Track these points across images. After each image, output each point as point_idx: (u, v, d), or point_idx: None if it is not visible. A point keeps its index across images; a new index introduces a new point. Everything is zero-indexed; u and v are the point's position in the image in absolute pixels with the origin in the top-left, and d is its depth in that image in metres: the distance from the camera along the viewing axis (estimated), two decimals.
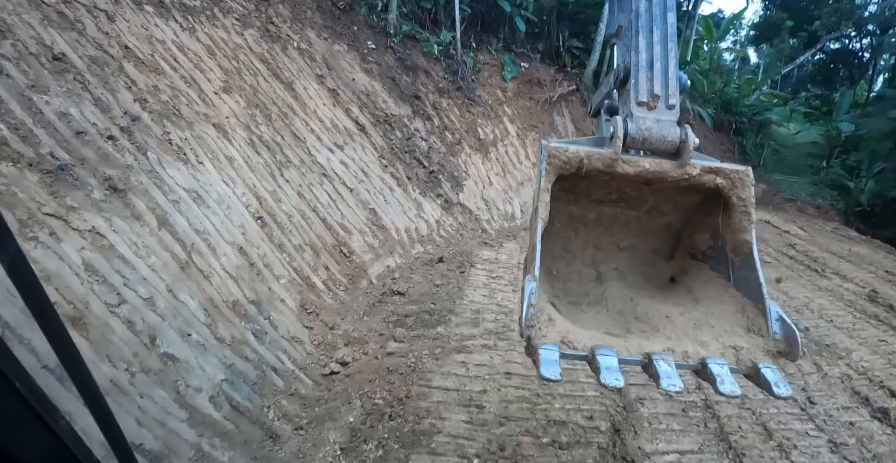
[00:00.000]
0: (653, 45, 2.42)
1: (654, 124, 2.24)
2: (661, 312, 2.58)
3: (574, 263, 2.94)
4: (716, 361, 2.06)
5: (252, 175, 5.24)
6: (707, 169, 2.27)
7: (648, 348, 2.08)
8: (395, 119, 8.29)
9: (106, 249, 3.39)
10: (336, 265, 5.56)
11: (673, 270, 2.95)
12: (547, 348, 1.99)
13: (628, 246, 2.95)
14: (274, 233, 5.02)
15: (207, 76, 5.89)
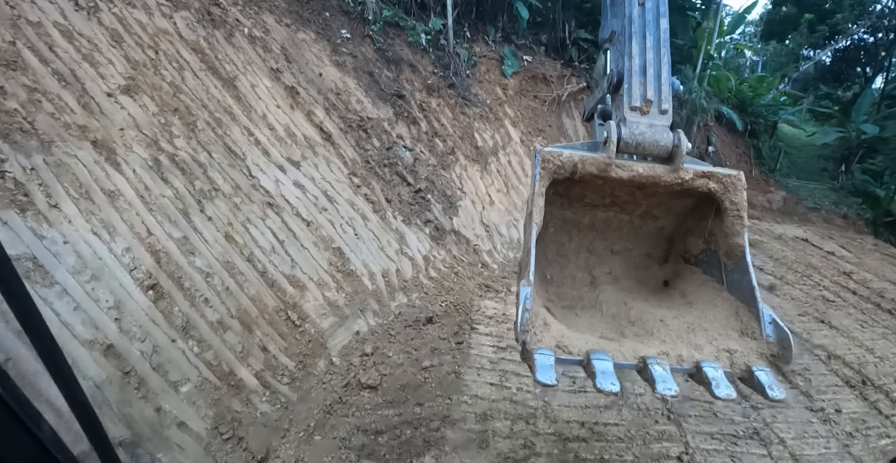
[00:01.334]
0: (646, 51, 2.46)
1: (648, 129, 2.28)
2: (656, 315, 2.58)
3: (568, 268, 2.97)
4: (710, 364, 2.07)
5: (149, 217, 3.53)
6: (700, 173, 2.31)
7: (643, 352, 2.08)
8: (372, 124, 6.58)
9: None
10: (280, 342, 3.86)
11: (666, 274, 2.99)
12: (542, 353, 1.99)
13: (622, 250, 2.99)
14: (176, 308, 3.31)
15: (101, 71, 4.17)
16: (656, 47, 2.46)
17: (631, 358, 2.06)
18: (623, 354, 2.06)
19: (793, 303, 6.44)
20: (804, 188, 16.77)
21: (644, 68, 2.40)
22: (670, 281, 2.92)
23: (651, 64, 2.41)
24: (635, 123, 2.27)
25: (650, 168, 2.29)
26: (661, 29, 2.49)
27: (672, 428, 3.77)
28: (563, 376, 2.79)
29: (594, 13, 11.30)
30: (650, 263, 3.00)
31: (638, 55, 2.43)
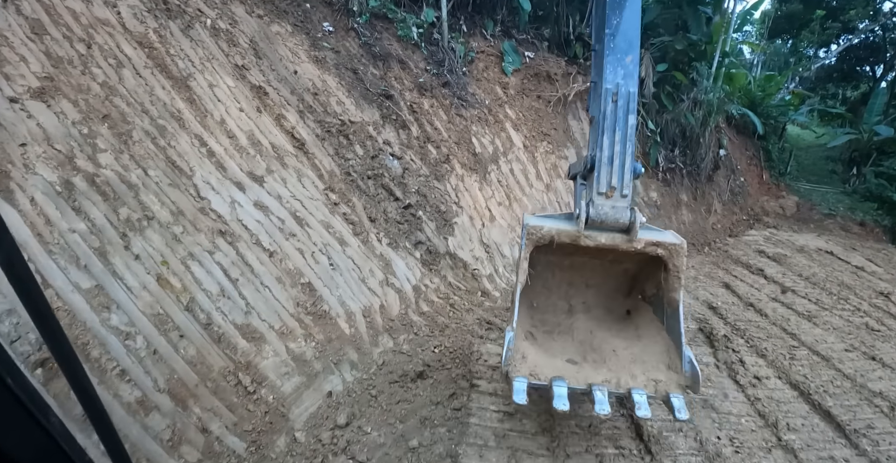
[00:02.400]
0: (614, 144, 3.07)
1: (611, 210, 2.96)
2: (612, 345, 3.39)
3: (551, 298, 3.79)
4: (638, 391, 2.89)
5: (48, 262, 2.66)
6: (651, 242, 3.00)
7: (592, 380, 2.97)
8: (354, 128, 5.72)
9: None
10: (227, 416, 3.00)
11: (629, 305, 3.78)
12: (518, 380, 2.86)
13: (595, 284, 3.77)
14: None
15: (6, 71, 3.33)
16: (623, 141, 3.09)
17: (582, 383, 2.93)
18: (577, 380, 2.95)
19: (835, 334, 5.63)
20: (815, 192, 16.05)
21: (611, 159, 3.05)
22: (631, 311, 3.74)
23: (617, 156, 3.05)
24: (601, 205, 2.97)
25: (611, 238, 2.99)
26: (629, 124, 3.12)
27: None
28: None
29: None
30: (617, 295, 3.80)
31: (607, 148, 3.06)
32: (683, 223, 9.94)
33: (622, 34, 3.33)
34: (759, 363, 4.84)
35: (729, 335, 5.24)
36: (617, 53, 3.28)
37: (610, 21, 3.36)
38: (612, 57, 3.26)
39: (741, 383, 4.44)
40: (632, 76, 3.25)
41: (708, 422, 3.86)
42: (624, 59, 3.27)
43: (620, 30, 3.34)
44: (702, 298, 6.26)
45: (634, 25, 3.38)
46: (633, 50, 3.32)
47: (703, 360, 4.76)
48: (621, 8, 3.38)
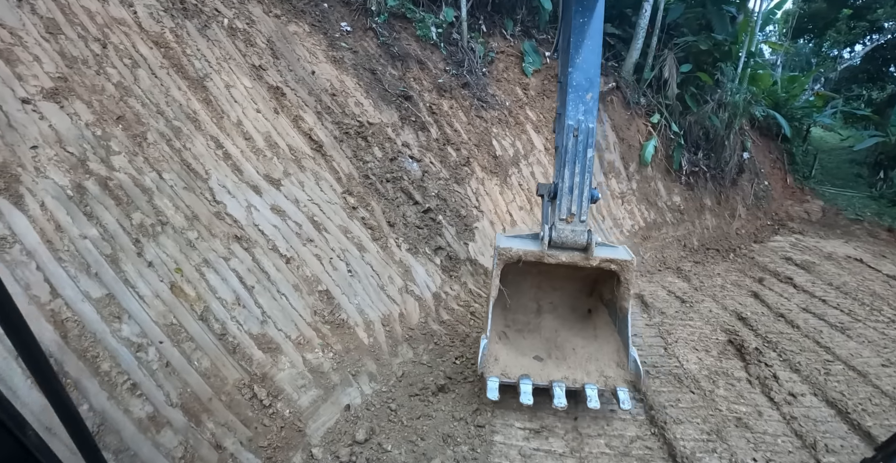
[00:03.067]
0: (574, 176, 3.53)
1: (570, 233, 3.47)
2: (572, 343, 3.95)
3: (522, 299, 4.25)
4: (591, 386, 3.50)
5: (58, 270, 2.55)
6: (605, 259, 3.50)
7: (553, 377, 3.56)
8: (373, 130, 5.58)
9: None
10: (241, 432, 2.87)
11: (590, 305, 4.33)
12: (491, 380, 3.43)
13: (560, 287, 4.27)
14: (85, 406, 2.32)
15: (19, 71, 3.23)
16: (582, 172, 3.52)
17: (545, 380, 3.55)
18: (541, 377, 3.56)
19: (870, 348, 5.37)
20: (841, 197, 15.62)
21: (571, 189, 3.51)
22: (592, 310, 4.28)
23: (577, 186, 3.51)
24: (562, 229, 3.47)
25: (571, 257, 3.50)
26: (587, 157, 3.53)
27: None
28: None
29: (619, 6, 10.25)
30: (580, 295, 4.32)
31: (568, 179, 3.52)
32: (707, 228, 9.67)
33: (583, 72, 3.61)
34: (793, 379, 4.61)
35: (761, 348, 5.01)
36: (578, 91, 3.58)
37: (573, 60, 3.65)
38: (574, 94, 3.58)
39: (775, 400, 4.21)
40: (591, 112, 3.57)
41: (742, 442, 3.65)
42: (584, 97, 3.58)
43: (581, 68, 3.61)
44: (730, 308, 6.03)
45: (595, 64, 3.65)
46: (593, 87, 3.61)
47: (734, 375, 4.54)
48: (582, 47, 3.64)
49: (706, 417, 3.85)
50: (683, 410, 3.91)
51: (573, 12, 3.70)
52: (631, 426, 3.62)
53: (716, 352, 4.92)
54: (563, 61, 3.89)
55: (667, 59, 9.20)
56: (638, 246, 7.97)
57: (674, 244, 8.66)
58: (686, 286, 6.82)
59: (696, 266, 7.98)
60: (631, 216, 8.21)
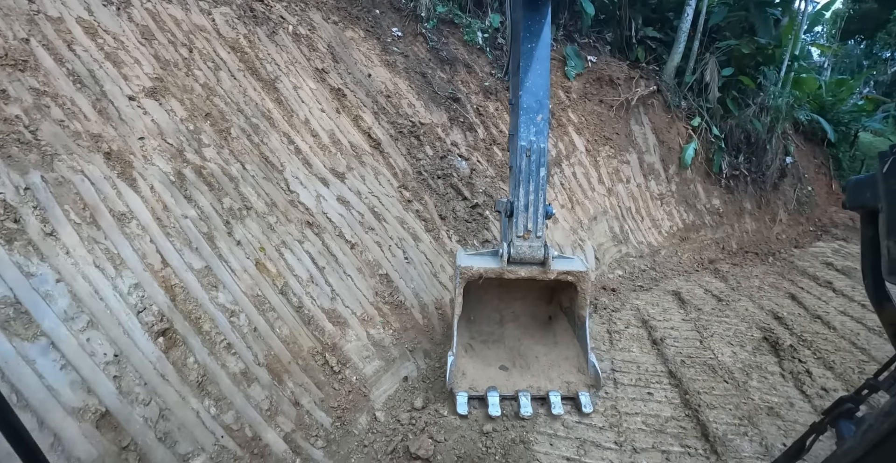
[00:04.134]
0: (529, 194, 3.69)
1: (528, 248, 3.64)
2: (535, 351, 4.13)
3: (485, 311, 4.38)
4: (554, 392, 3.67)
5: (166, 243, 2.97)
6: (562, 272, 3.70)
7: (518, 386, 3.71)
8: (424, 130, 5.94)
9: None
10: (315, 393, 3.24)
11: (550, 312, 4.49)
12: (460, 395, 3.55)
13: (521, 296, 4.40)
14: (191, 359, 2.73)
15: (125, 72, 3.66)
16: (536, 191, 3.68)
17: (511, 390, 3.66)
18: (507, 388, 3.68)
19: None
20: None
21: (527, 207, 3.68)
22: (552, 316, 4.44)
23: (531, 204, 3.68)
24: (520, 245, 3.64)
25: (529, 271, 3.69)
26: (540, 176, 3.70)
27: None
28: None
29: (662, 10, 10.38)
30: (540, 303, 4.47)
31: (523, 197, 3.67)
32: (746, 232, 9.70)
33: (532, 95, 3.75)
34: (826, 376, 4.73)
35: (795, 346, 5.15)
36: (529, 113, 3.72)
37: (522, 83, 3.75)
38: (525, 116, 3.72)
39: (808, 394, 4.37)
40: (542, 133, 3.73)
41: (774, 429, 3.84)
42: (535, 118, 3.73)
43: (531, 91, 3.75)
44: (767, 308, 6.15)
45: (543, 86, 3.79)
46: (542, 109, 3.76)
47: (767, 369, 4.71)
48: (530, 71, 3.76)
49: (738, 405, 4.05)
50: (717, 396, 4.12)
51: (521, 38, 3.79)
52: (666, 408, 3.86)
53: (750, 347, 5.08)
54: (514, 85, 4.00)
55: (708, 63, 9.30)
56: (676, 247, 8.12)
57: (712, 246, 8.75)
58: (723, 286, 6.96)
59: (733, 267, 8.07)
60: (669, 217, 8.36)
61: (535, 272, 3.68)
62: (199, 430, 2.57)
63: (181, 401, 2.58)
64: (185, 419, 2.54)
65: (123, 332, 2.50)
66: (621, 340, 4.94)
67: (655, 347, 4.83)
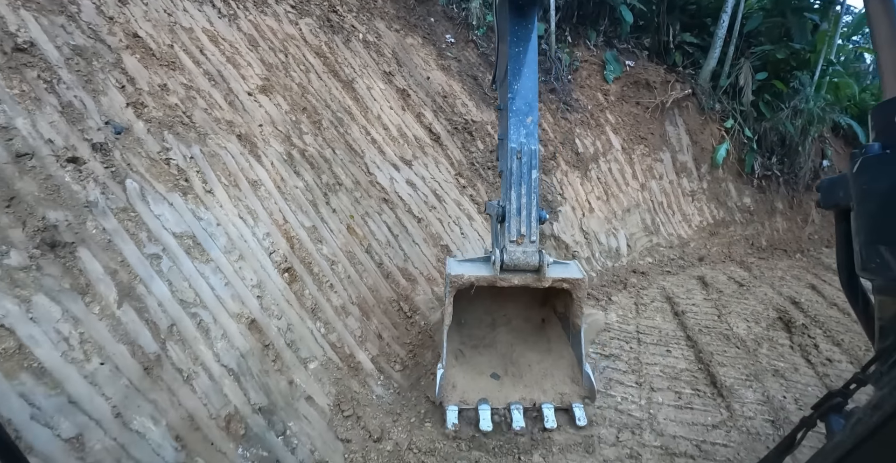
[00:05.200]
0: (521, 197, 3.55)
1: (522, 255, 3.46)
2: (528, 359, 3.98)
3: (477, 313, 4.19)
4: (547, 405, 3.58)
5: (284, 205, 3.83)
6: (557, 279, 3.53)
7: (510, 398, 3.62)
8: (476, 127, 6.73)
9: (8, 357, 2.02)
10: (392, 330, 4.06)
11: (543, 314, 4.30)
12: (450, 409, 3.47)
13: (513, 299, 4.14)
14: (307, 291, 3.58)
15: (242, 72, 4.56)
16: (528, 193, 3.55)
17: (503, 403, 3.57)
18: (498, 400, 3.58)
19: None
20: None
21: (519, 210, 3.52)
22: (546, 320, 4.28)
23: (524, 207, 3.52)
24: (513, 251, 3.45)
25: (523, 279, 3.51)
26: (532, 178, 3.57)
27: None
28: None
29: (699, 16, 10.88)
30: (533, 304, 4.28)
31: (515, 200, 3.53)
32: (777, 230, 10.14)
33: (522, 97, 3.74)
34: (833, 350, 5.29)
35: (807, 325, 5.71)
36: (519, 115, 3.69)
37: (511, 86, 3.76)
38: (515, 119, 3.69)
39: (812, 362, 4.95)
40: (532, 135, 3.68)
41: (776, 385, 4.46)
42: (525, 121, 3.69)
43: (520, 94, 3.74)
44: (785, 294, 6.70)
45: (532, 90, 3.79)
46: (532, 111, 3.74)
47: (778, 341, 5.31)
48: (520, 75, 3.78)
49: (747, 365, 4.69)
50: (728, 358, 4.77)
51: (509, 43, 3.83)
52: (682, 362, 4.54)
53: (765, 324, 5.68)
54: (503, 90, 4.00)
55: (743, 67, 9.80)
56: (705, 240, 8.67)
57: (741, 242, 9.25)
58: (746, 275, 7.51)
59: (760, 261, 8.59)
60: (700, 213, 8.91)
61: (530, 280, 3.50)
62: (312, 343, 3.41)
63: (300, 321, 3.42)
64: (303, 334, 3.38)
65: (261, 266, 3.36)
66: (646, 310, 5.61)
67: (677, 317, 5.50)
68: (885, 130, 1.21)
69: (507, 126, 3.70)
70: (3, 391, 1.97)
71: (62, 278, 2.34)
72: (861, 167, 1.22)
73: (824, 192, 1.42)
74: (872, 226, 1.20)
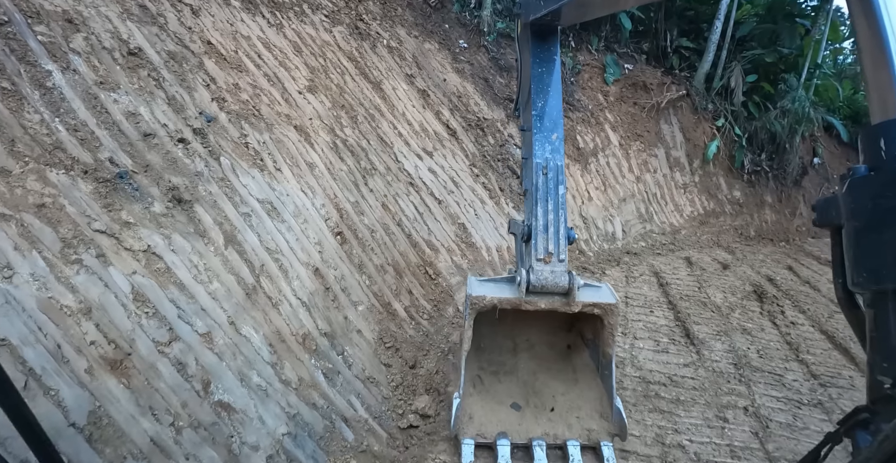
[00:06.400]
0: (548, 213, 3.28)
1: (550, 275, 3.10)
2: (552, 388, 3.60)
3: (497, 337, 3.91)
4: (573, 442, 3.21)
5: (334, 184, 4.69)
6: (587, 304, 3.16)
7: (532, 433, 3.26)
8: (487, 124, 7.57)
9: (161, 274, 2.88)
10: (420, 289, 4.90)
11: (569, 340, 3.97)
12: (466, 443, 3.14)
13: (537, 322, 3.84)
14: (354, 251, 4.43)
15: (292, 74, 5.41)
16: (556, 209, 3.35)
17: (524, 437, 3.27)
18: (519, 434, 3.29)
19: None
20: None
21: (546, 227, 3.29)
22: (571, 346, 3.97)
23: (552, 223, 3.30)
24: (540, 271, 3.16)
25: (550, 302, 3.19)
26: (559, 194, 3.40)
27: (741, 388, 4.42)
28: None
29: (697, 21, 11.68)
30: (558, 330, 4.01)
31: (542, 217, 3.32)
32: (766, 222, 10.92)
33: (547, 115, 3.68)
34: (798, 316, 6.09)
35: (778, 296, 6.51)
36: (544, 132, 3.61)
37: (535, 104, 3.72)
38: (540, 135, 3.61)
39: (777, 324, 5.75)
40: (558, 151, 3.56)
41: (743, 340, 5.27)
42: (550, 137, 3.60)
43: (546, 111, 3.68)
44: (763, 273, 7.50)
45: (557, 108, 3.74)
46: (557, 128, 3.66)
47: (749, 308, 6.11)
48: (546, 93, 3.74)
49: (719, 325, 5.51)
50: (703, 319, 5.58)
51: (532, 64, 3.83)
52: (662, 320, 5.36)
53: (740, 295, 6.49)
54: (526, 110, 3.94)
55: (734, 70, 10.60)
56: (696, 228, 9.48)
57: (730, 231, 10.05)
58: (730, 257, 8.32)
59: (745, 247, 9.39)
60: (691, 204, 9.72)
61: (558, 304, 3.18)
62: (360, 291, 4.25)
63: (350, 273, 4.27)
64: (352, 283, 4.23)
65: (319, 229, 4.22)
66: (635, 282, 6.44)
67: (661, 288, 6.32)
68: (870, 153, 1.28)
69: (532, 143, 3.62)
70: (158, 297, 2.82)
71: (188, 224, 3.20)
72: (849, 188, 1.29)
73: (819, 211, 1.46)
74: (859, 242, 1.26)
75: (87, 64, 3.32)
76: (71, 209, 2.63)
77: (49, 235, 2.48)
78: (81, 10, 3.56)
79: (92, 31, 3.51)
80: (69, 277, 2.45)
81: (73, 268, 2.48)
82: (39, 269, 2.37)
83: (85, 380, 2.30)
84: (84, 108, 3.10)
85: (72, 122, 2.97)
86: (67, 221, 2.58)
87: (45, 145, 2.76)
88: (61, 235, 2.52)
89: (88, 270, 2.54)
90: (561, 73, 4.02)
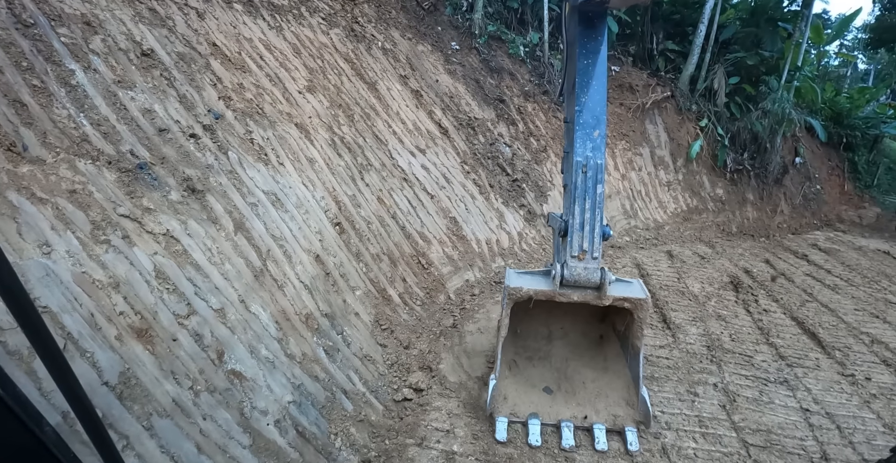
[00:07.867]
0: (585, 212, 3.44)
1: (583, 271, 3.34)
2: (583, 375, 3.88)
3: (533, 324, 4.18)
4: (599, 426, 3.53)
5: (332, 178, 4.99)
6: (618, 298, 3.41)
7: (561, 415, 3.60)
8: (478, 123, 7.89)
9: (179, 255, 3.17)
10: (413, 277, 5.21)
11: (601, 330, 4.20)
12: (500, 421, 3.53)
13: (572, 311, 4.04)
14: (352, 240, 4.73)
15: (292, 75, 5.71)
16: (593, 208, 3.49)
17: (553, 419, 3.62)
18: (549, 415, 3.63)
19: (853, 301, 6.90)
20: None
21: (582, 225, 3.46)
22: (604, 336, 4.23)
23: (588, 222, 3.46)
24: (574, 266, 3.39)
25: (583, 295, 3.44)
26: (597, 193, 3.52)
27: (713, 367, 4.75)
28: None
29: (682, 25, 12.04)
30: (592, 320, 4.25)
31: (578, 215, 3.48)
32: (747, 219, 11.29)
33: (589, 111, 3.63)
34: (771, 305, 6.43)
35: (753, 287, 6.86)
36: (585, 128, 3.60)
37: (579, 99, 3.66)
38: (581, 132, 3.59)
39: (751, 311, 6.09)
40: (599, 149, 3.58)
41: (717, 325, 5.60)
42: (592, 134, 3.59)
43: (588, 107, 3.64)
44: (741, 266, 7.85)
45: (601, 103, 3.69)
46: (599, 125, 3.64)
47: (725, 297, 6.45)
48: (588, 87, 3.67)
49: (695, 312, 5.84)
50: (681, 307, 5.92)
51: (578, 55, 3.74)
52: None
53: (717, 285, 6.83)
54: (570, 102, 3.93)
55: (717, 72, 10.99)
56: (679, 225, 9.84)
57: (713, 228, 10.41)
58: (710, 251, 8.68)
59: (725, 242, 9.75)
60: (675, 201, 10.08)
61: (589, 297, 3.42)
62: (357, 278, 4.55)
63: (348, 260, 4.57)
64: (350, 270, 4.52)
65: (319, 219, 4.52)
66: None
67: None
68: None
69: (573, 139, 3.64)
70: (177, 275, 3.11)
71: (201, 211, 3.49)
72: None
73: None
74: None
75: (106, 64, 3.60)
76: (98, 195, 2.92)
77: (80, 217, 2.77)
78: (98, 14, 3.85)
79: (108, 32, 3.80)
80: (99, 255, 2.74)
81: (102, 247, 2.77)
82: (73, 247, 2.66)
83: (115, 345, 2.58)
84: (105, 105, 3.38)
85: (95, 118, 3.25)
86: (96, 206, 2.87)
87: (73, 138, 3.05)
88: (91, 218, 2.81)
89: (116, 249, 2.82)
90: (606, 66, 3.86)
